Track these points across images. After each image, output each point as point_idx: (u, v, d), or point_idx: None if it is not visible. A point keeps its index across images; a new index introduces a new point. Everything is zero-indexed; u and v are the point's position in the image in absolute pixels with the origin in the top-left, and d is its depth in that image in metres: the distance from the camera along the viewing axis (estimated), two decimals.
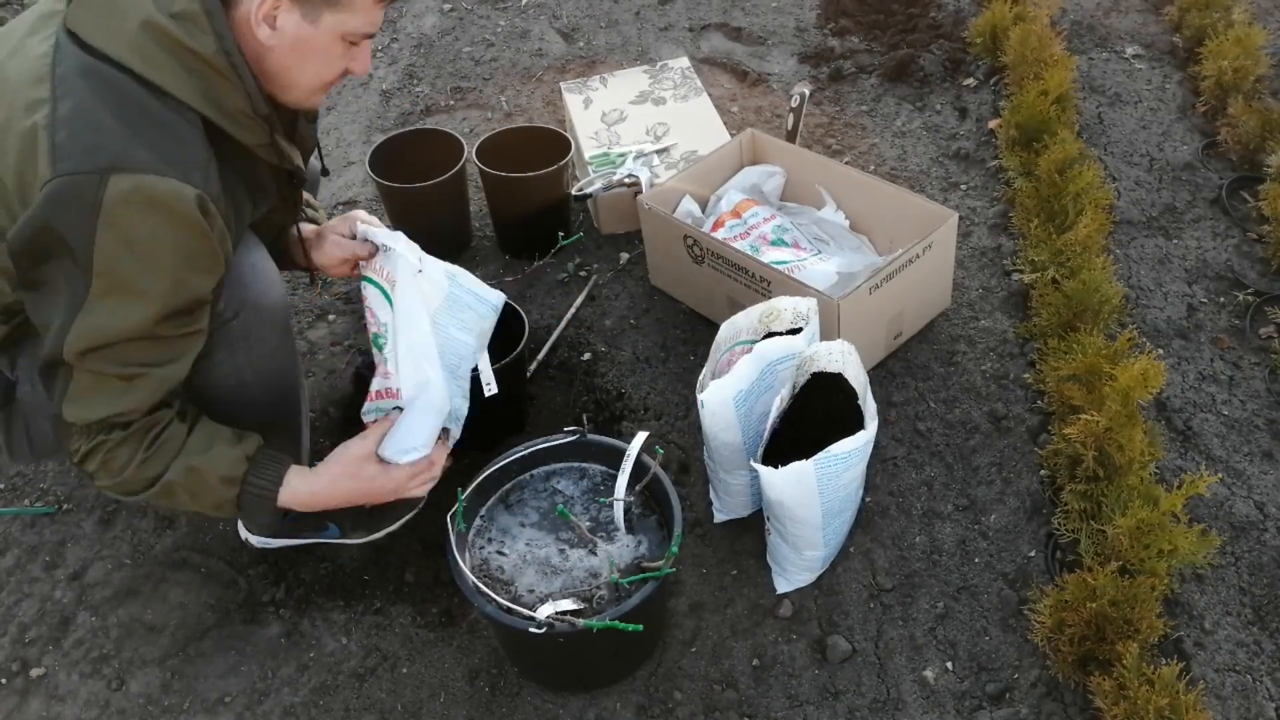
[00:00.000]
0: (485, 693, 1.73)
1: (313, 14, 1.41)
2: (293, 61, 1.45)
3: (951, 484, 1.99)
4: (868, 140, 2.88)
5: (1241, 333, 2.22)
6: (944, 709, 1.66)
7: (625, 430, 2.12)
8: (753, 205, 2.40)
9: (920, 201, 2.25)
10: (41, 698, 1.78)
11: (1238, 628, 1.72)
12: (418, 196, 2.44)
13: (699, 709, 1.69)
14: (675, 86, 2.85)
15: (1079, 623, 1.61)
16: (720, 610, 1.82)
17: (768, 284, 2.09)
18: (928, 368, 2.21)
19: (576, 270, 2.53)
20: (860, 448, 1.64)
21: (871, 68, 3.14)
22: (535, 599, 1.62)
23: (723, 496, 1.92)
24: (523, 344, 1.95)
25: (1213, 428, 2.03)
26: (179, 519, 2.02)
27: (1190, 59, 2.99)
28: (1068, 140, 2.48)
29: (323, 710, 1.73)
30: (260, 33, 1.40)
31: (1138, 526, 1.68)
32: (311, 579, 1.92)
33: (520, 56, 3.36)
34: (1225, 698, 1.63)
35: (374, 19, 1.47)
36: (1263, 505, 1.89)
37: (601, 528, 1.72)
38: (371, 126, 3.11)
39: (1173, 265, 2.40)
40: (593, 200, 2.54)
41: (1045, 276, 2.24)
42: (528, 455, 1.78)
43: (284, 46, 1.42)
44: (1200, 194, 2.58)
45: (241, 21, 1.39)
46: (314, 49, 1.45)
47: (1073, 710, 1.63)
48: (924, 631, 1.77)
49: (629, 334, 2.36)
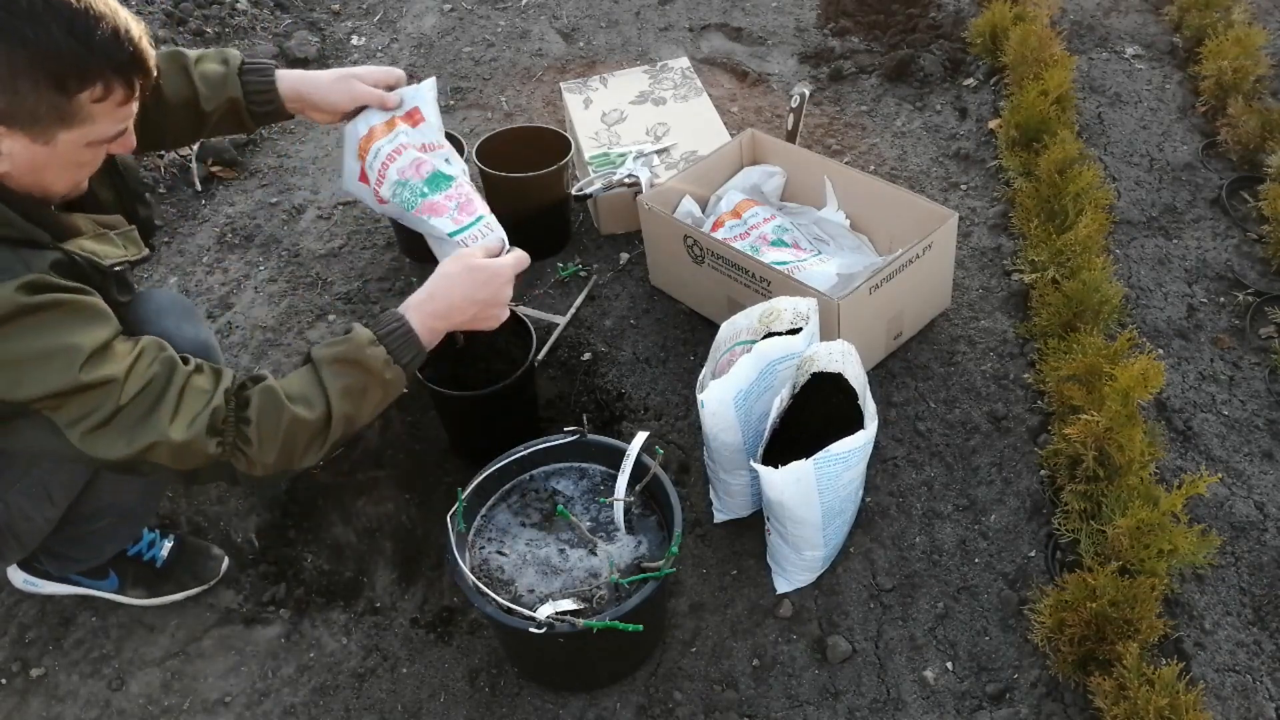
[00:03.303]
0: (485, 693, 1.73)
1: (43, 136, 1.27)
2: (35, 178, 1.32)
3: (951, 484, 1.99)
4: (868, 140, 2.88)
5: (1241, 333, 2.22)
6: (944, 709, 1.66)
7: (625, 430, 2.12)
8: (753, 205, 2.41)
9: (920, 201, 2.25)
10: (41, 698, 1.78)
11: (1238, 628, 1.72)
12: None
13: (699, 709, 1.69)
14: (675, 87, 2.85)
15: (1079, 623, 1.61)
16: (720, 610, 1.82)
17: (768, 284, 2.09)
18: (928, 368, 2.21)
19: (576, 270, 2.53)
20: (860, 448, 1.64)
21: (871, 68, 3.14)
22: (535, 599, 1.62)
23: (723, 496, 1.92)
24: (531, 358, 1.95)
25: (1213, 428, 2.03)
26: (179, 520, 2.02)
27: (1190, 59, 3.00)
28: (1068, 140, 2.48)
29: (323, 710, 1.73)
30: None
31: (1138, 526, 1.68)
32: (311, 579, 1.92)
33: (520, 56, 3.36)
34: (1225, 698, 1.63)
35: (124, 116, 1.33)
36: (1263, 505, 1.89)
37: (601, 528, 1.72)
38: None
39: (1173, 265, 2.40)
40: (593, 200, 2.54)
41: (1045, 276, 2.24)
42: (527, 455, 1.78)
43: (21, 169, 1.29)
44: (1200, 194, 2.58)
45: None
46: (56, 163, 1.31)
47: (1073, 710, 1.63)
48: (924, 631, 1.77)
49: (629, 334, 2.36)
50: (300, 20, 3.57)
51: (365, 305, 2.45)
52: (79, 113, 1.27)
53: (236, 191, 2.89)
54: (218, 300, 2.51)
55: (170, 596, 1.88)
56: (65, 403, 1.30)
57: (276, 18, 3.56)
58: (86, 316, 1.32)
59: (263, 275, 2.58)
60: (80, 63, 1.24)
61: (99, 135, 1.32)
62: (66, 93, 1.25)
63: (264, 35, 3.46)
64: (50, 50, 1.21)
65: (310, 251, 2.65)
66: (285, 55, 3.39)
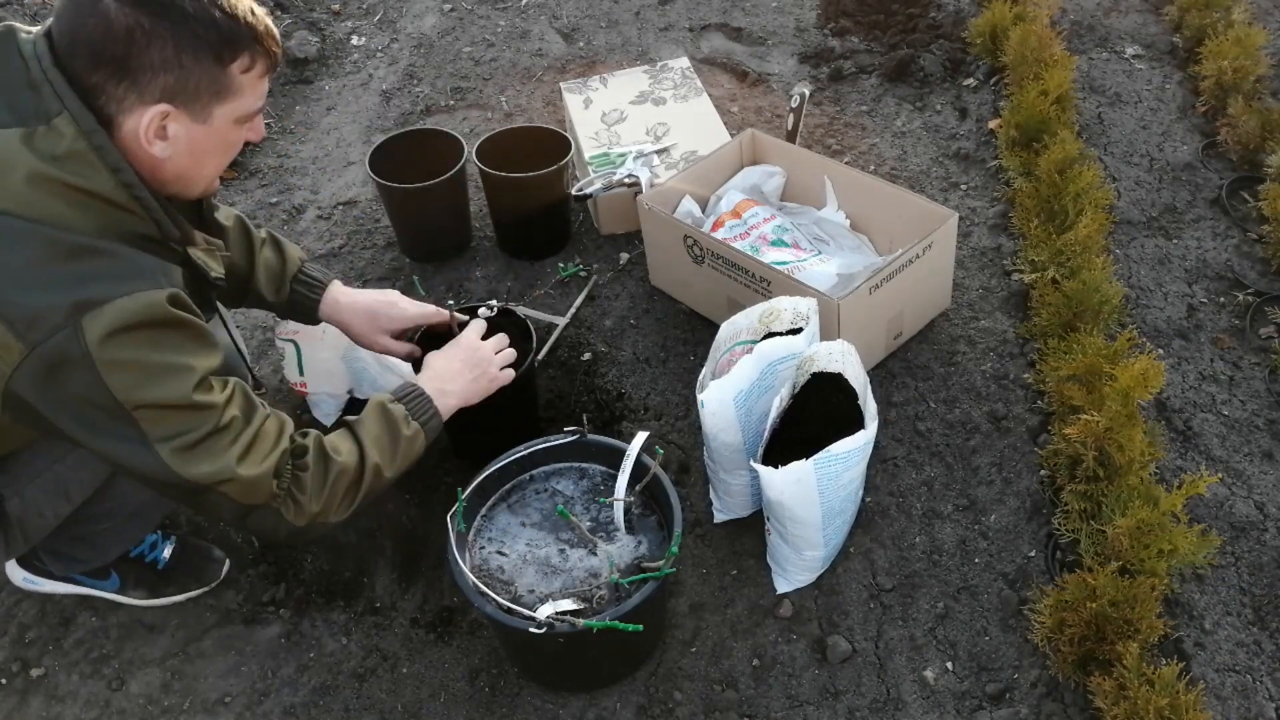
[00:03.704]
0: (485, 693, 1.73)
1: (202, 114, 1.34)
2: (191, 162, 1.38)
3: (951, 484, 1.99)
4: (868, 140, 2.88)
5: (1241, 333, 2.22)
6: (944, 709, 1.66)
7: (625, 430, 2.12)
8: (753, 205, 2.40)
9: (920, 201, 2.25)
10: (41, 698, 1.78)
11: (1238, 628, 1.72)
12: (418, 196, 2.44)
13: (699, 709, 1.69)
14: (675, 86, 2.85)
15: (1079, 623, 1.61)
16: (720, 610, 1.82)
17: (768, 284, 2.09)
18: (928, 368, 2.21)
19: (576, 270, 2.53)
20: (860, 448, 1.64)
21: (871, 68, 3.14)
22: (535, 599, 1.62)
23: (723, 496, 1.92)
24: (530, 359, 1.95)
25: (1213, 428, 2.03)
26: (180, 520, 2.02)
27: (1190, 59, 3.00)
28: (1068, 140, 2.48)
29: (323, 710, 1.73)
30: (154, 149, 1.33)
31: (1138, 526, 1.68)
32: (311, 579, 1.92)
33: (520, 56, 3.36)
34: (1225, 698, 1.63)
35: (263, 92, 1.41)
36: (1263, 505, 1.89)
37: (601, 528, 1.72)
38: (371, 126, 3.11)
39: (1173, 265, 2.40)
40: (593, 200, 2.54)
41: (1045, 276, 2.24)
42: (528, 455, 1.78)
43: (180, 153, 1.36)
44: (1200, 194, 2.58)
45: (130, 141, 1.31)
46: (211, 144, 1.39)
47: (1073, 710, 1.63)
48: (924, 631, 1.77)
49: (629, 334, 2.36)
50: (300, 20, 3.57)
51: None
52: (231, 84, 1.34)
53: (236, 191, 2.88)
54: None
55: (171, 598, 1.88)
56: (170, 416, 1.33)
57: (277, 18, 3.56)
58: (206, 342, 1.38)
59: None
60: (232, 33, 1.32)
61: (246, 109, 1.39)
62: (222, 64, 1.32)
63: None
64: (208, 23, 1.29)
65: (310, 251, 2.65)
66: (285, 55, 3.39)
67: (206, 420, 1.36)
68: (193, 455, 1.36)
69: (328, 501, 1.49)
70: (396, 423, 1.58)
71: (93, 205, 1.29)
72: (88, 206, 1.28)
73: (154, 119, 1.30)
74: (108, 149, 1.28)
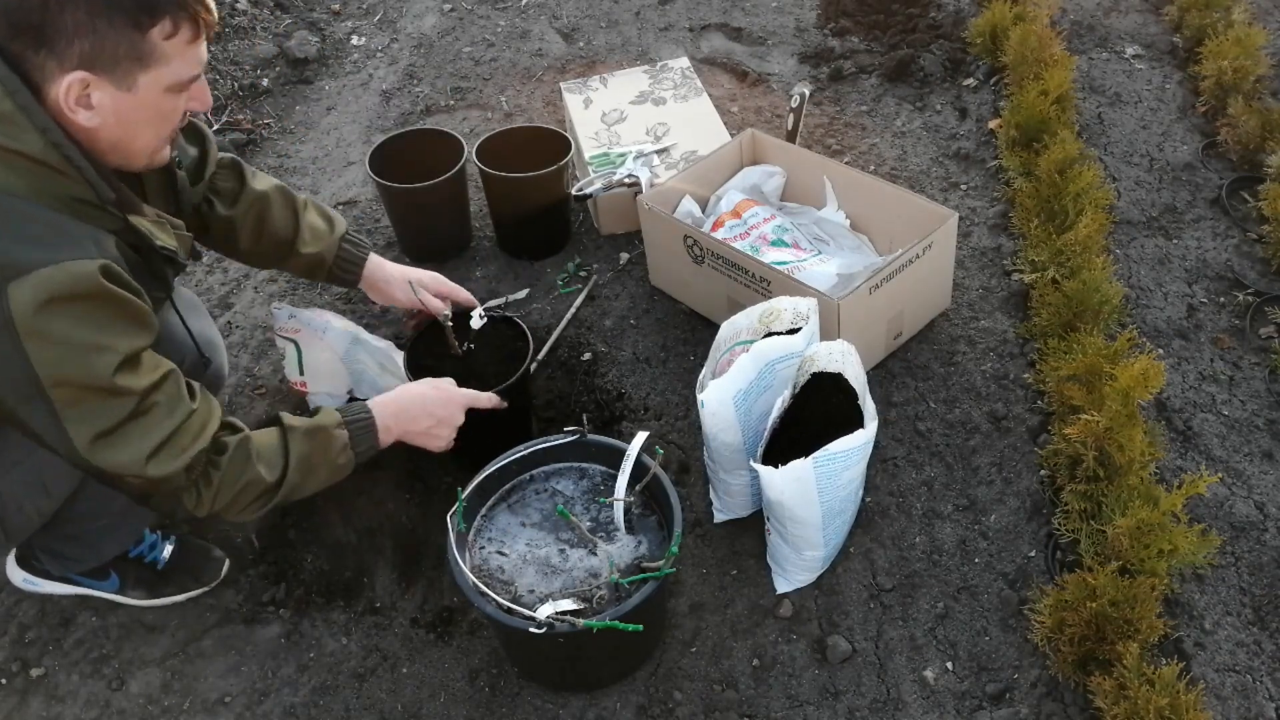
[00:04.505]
0: (485, 693, 1.73)
1: (125, 81, 1.31)
2: (122, 132, 1.36)
3: (951, 484, 1.99)
4: (868, 140, 2.88)
5: (1241, 333, 2.22)
6: (944, 709, 1.66)
7: (625, 430, 2.12)
8: (753, 205, 2.40)
9: (920, 201, 2.25)
10: (41, 698, 1.78)
11: (1238, 628, 1.72)
12: (418, 196, 2.44)
13: (699, 709, 1.69)
14: (675, 86, 2.85)
15: (1079, 623, 1.61)
16: (720, 610, 1.82)
17: (768, 284, 2.09)
18: (928, 368, 2.21)
19: (576, 270, 2.53)
20: (859, 447, 1.64)
21: (871, 68, 3.14)
22: (535, 599, 1.62)
23: (723, 496, 1.92)
24: (527, 362, 1.95)
25: (1213, 428, 2.03)
26: (179, 520, 2.02)
27: (1190, 59, 2.99)
28: (1068, 140, 2.48)
29: (323, 710, 1.73)
30: (79, 117, 1.31)
31: (1138, 526, 1.68)
32: (311, 579, 1.92)
33: (520, 56, 3.36)
34: (1225, 698, 1.63)
35: (195, 59, 1.37)
36: (1263, 505, 1.89)
37: (601, 528, 1.72)
38: (371, 126, 3.11)
39: (1173, 265, 2.40)
40: (593, 200, 2.54)
41: (1045, 276, 2.24)
42: (528, 455, 1.78)
43: (109, 123, 1.33)
44: (1200, 194, 2.58)
45: (55, 109, 1.30)
46: (143, 114, 1.36)
47: (1073, 710, 1.63)
48: (924, 631, 1.77)
49: (629, 334, 2.36)
50: (300, 20, 3.57)
51: (365, 304, 2.45)
52: (154, 51, 1.31)
53: None
54: (218, 300, 2.51)
55: (171, 598, 1.88)
56: (87, 397, 1.32)
57: (276, 18, 3.56)
58: (138, 320, 1.36)
59: (262, 275, 2.58)
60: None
61: (176, 77, 1.35)
62: (141, 29, 1.29)
63: (264, 35, 3.46)
64: None
65: None
66: (285, 55, 3.39)
67: (124, 405, 1.34)
68: (106, 443, 1.34)
69: (231, 504, 1.50)
70: (332, 449, 1.59)
71: (21, 165, 1.28)
72: (16, 167, 1.28)
73: (72, 86, 1.28)
74: (34, 109, 1.27)
